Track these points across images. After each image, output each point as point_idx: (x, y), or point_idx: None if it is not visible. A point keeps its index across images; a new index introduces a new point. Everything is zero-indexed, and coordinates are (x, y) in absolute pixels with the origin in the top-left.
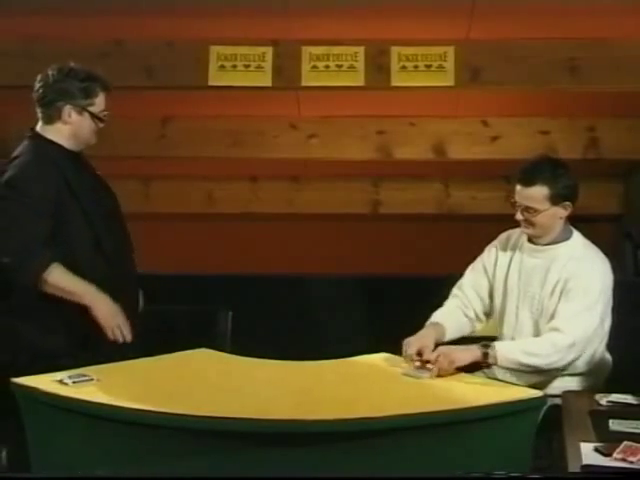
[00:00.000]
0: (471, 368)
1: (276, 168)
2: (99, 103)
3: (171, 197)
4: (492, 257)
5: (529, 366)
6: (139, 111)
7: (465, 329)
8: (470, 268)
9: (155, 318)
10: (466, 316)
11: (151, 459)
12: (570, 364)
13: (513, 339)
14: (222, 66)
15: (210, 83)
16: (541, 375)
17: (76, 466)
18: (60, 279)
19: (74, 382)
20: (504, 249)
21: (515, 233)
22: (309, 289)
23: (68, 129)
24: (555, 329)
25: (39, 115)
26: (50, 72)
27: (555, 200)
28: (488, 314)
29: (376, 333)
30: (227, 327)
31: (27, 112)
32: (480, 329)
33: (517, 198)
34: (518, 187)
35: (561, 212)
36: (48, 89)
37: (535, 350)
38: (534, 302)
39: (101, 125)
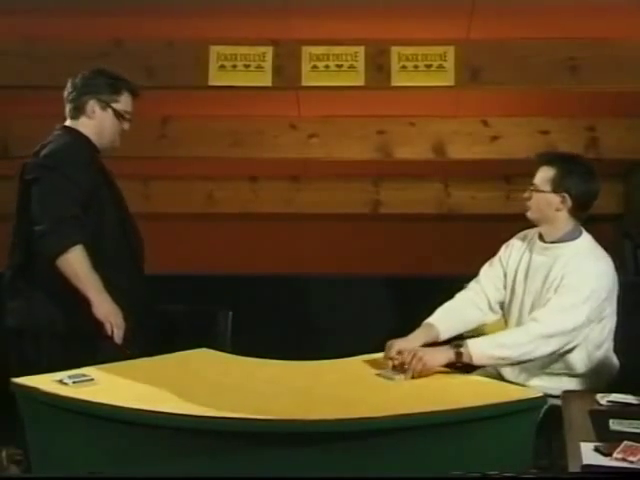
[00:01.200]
0: (472, 367)
1: (276, 168)
2: (124, 102)
3: (171, 197)
4: (507, 252)
5: (502, 358)
6: (139, 111)
7: (472, 322)
8: (488, 263)
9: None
10: (477, 307)
11: (151, 459)
12: (547, 357)
13: None
14: (222, 66)
15: (210, 83)
16: (543, 375)
17: (76, 466)
18: (77, 262)
19: (74, 382)
20: (519, 246)
21: (531, 232)
22: (309, 289)
23: (92, 124)
24: (533, 319)
25: (67, 112)
26: (81, 74)
27: (556, 187)
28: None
29: (376, 333)
30: (227, 327)
31: (27, 111)
32: (492, 321)
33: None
34: (538, 164)
35: (557, 203)
36: (77, 85)
37: (506, 341)
38: (535, 298)
39: (125, 126)
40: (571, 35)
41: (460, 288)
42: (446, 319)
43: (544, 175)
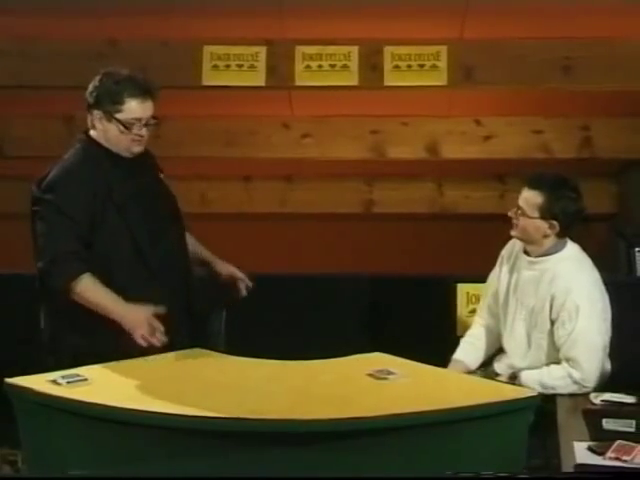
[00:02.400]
0: None
1: (270, 168)
2: (129, 110)
3: None
4: (497, 268)
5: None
6: None
7: (491, 350)
8: (485, 286)
9: None
10: (487, 343)
11: (145, 459)
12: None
13: (507, 349)
14: (215, 66)
15: (204, 83)
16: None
17: (70, 466)
18: (87, 291)
19: (68, 382)
20: (508, 259)
21: (518, 243)
22: (303, 288)
23: (103, 135)
24: (572, 365)
25: None
26: (95, 78)
27: (544, 214)
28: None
29: (370, 332)
30: (221, 327)
31: (22, 112)
32: None
33: (519, 197)
34: (524, 187)
35: (545, 229)
36: (88, 95)
37: (548, 383)
38: (527, 314)
39: (142, 132)
40: (565, 35)
41: (454, 288)
42: (471, 355)
43: (533, 201)
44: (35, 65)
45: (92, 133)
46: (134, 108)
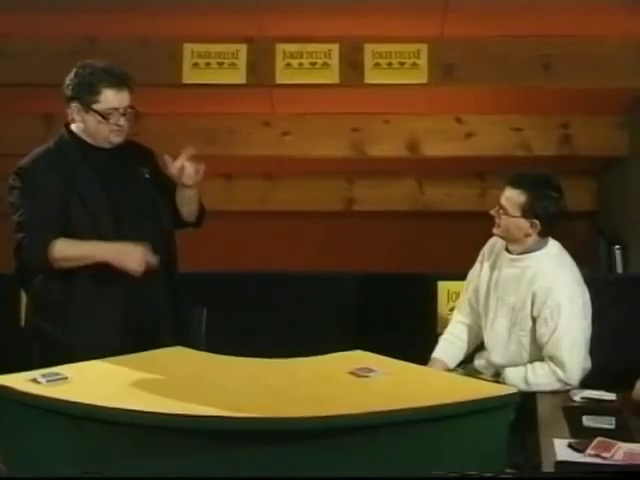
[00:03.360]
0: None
1: (250, 166)
2: (105, 100)
3: None
4: (477, 265)
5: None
6: None
7: (471, 347)
8: (465, 283)
9: None
10: (466, 341)
11: (125, 458)
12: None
13: (488, 346)
14: (196, 64)
15: (184, 81)
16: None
17: (50, 465)
18: (66, 250)
19: (48, 381)
20: (489, 256)
21: (500, 241)
22: (283, 286)
23: (81, 127)
24: (556, 363)
25: None
26: (72, 71)
27: (526, 213)
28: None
29: (351, 330)
30: (202, 325)
31: (0, 110)
32: None
33: (501, 195)
34: (505, 185)
35: (526, 228)
36: (65, 88)
37: (532, 380)
38: (509, 311)
39: (121, 121)
40: (544, 33)
41: (434, 285)
42: (450, 352)
43: (515, 200)
44: (12, 63)
45: (72, 126)
46: (110, 98)
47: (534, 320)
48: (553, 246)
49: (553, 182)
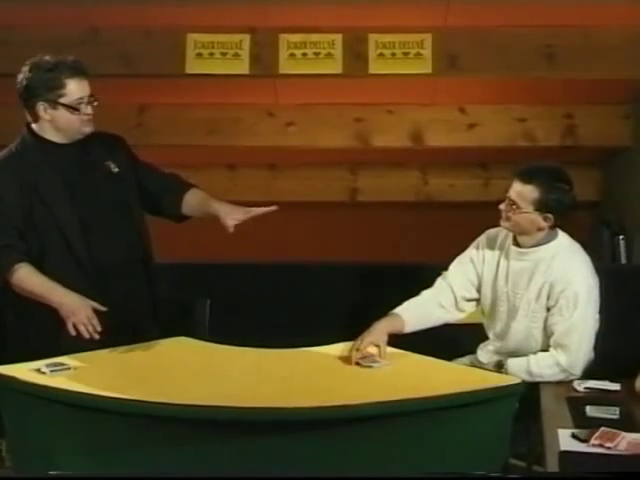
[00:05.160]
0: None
1: (254, 156)
2: (71, 92)
3: None
4: (480, 254)
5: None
6: (116, 99)
7: (436, 320)
8: (457, 261)
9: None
10: (441, 306)
11: (129, 447)
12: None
13: (503, 341)
14: (199, 54)
15: (187, 71)
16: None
17: (54, 455)
18: (22, 281)
19: (52, 371)
20: (491, 249)
21: (501, 233)
22: (287, 277)
23: (50, 125)
24: (562, 350)
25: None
26: (22, 70)
27: (540, 207)
28: (472, 304)
29: (355, 321)
30: (205, 315)
31: (2, 100)
32: (463, 318)
33: (510, 190)
34: (515, 180)
35: (540, 222)
36: (21, 89)
37: (535, 371)
38: (523, 306)
39: (88, 110)
40: (548, 23)
41: (438, 276)
42: (412, 313)
43: (527, 195)
44: (15, 53)
45: (33, 126)
46: (75, 89)
47: (548, 309)
48: (563, 237)
49: (563, 174)
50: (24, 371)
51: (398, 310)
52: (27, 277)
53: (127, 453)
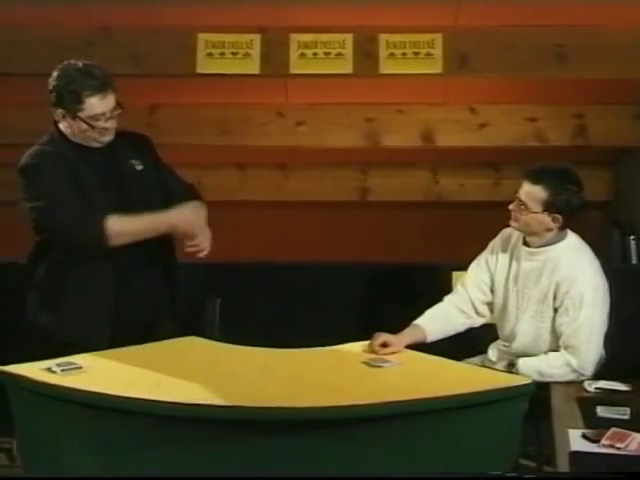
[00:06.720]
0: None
1: (264, 156)
2: (90, 107)
3: None
4: (494, 255)
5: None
6: (126, 99)
7: (459, 326)
8: (474, 264)
9: None
10: (463, 312)
11: (139, 447)
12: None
13: (512, 341)
14: (210, 54)
15: (198, 71)
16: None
17: (64, 454)
18: (123, 224)
19: (62, 370)
20: (505, 249)
21: (515, 233)
22: (297, 277)
23: (68, 130)
24: (571, 352)
25: None
26: (52, 73)
27: (548, 208)
28: (492, 309)
29: (365, 320)
30: (216, 315)
31: (11, 100)
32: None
33: (519, 190)
34: (524, 180)
35: (549, 222)
36: (48, 91)
37: (545, 371)
38: (531, 305)
39: (108, 124)
40: (558, 22)
41: (448, 276)
42: (434, 322)
43: (536, 196)
44: (25, 53)
45: (60, 126)
46: (95, 105)
47: (555, 310)
48: (572, 237)
49: (573, 175)
50: (35, 370)
51: (419, 321)
52: (124, 219)
53: (137, 452)
